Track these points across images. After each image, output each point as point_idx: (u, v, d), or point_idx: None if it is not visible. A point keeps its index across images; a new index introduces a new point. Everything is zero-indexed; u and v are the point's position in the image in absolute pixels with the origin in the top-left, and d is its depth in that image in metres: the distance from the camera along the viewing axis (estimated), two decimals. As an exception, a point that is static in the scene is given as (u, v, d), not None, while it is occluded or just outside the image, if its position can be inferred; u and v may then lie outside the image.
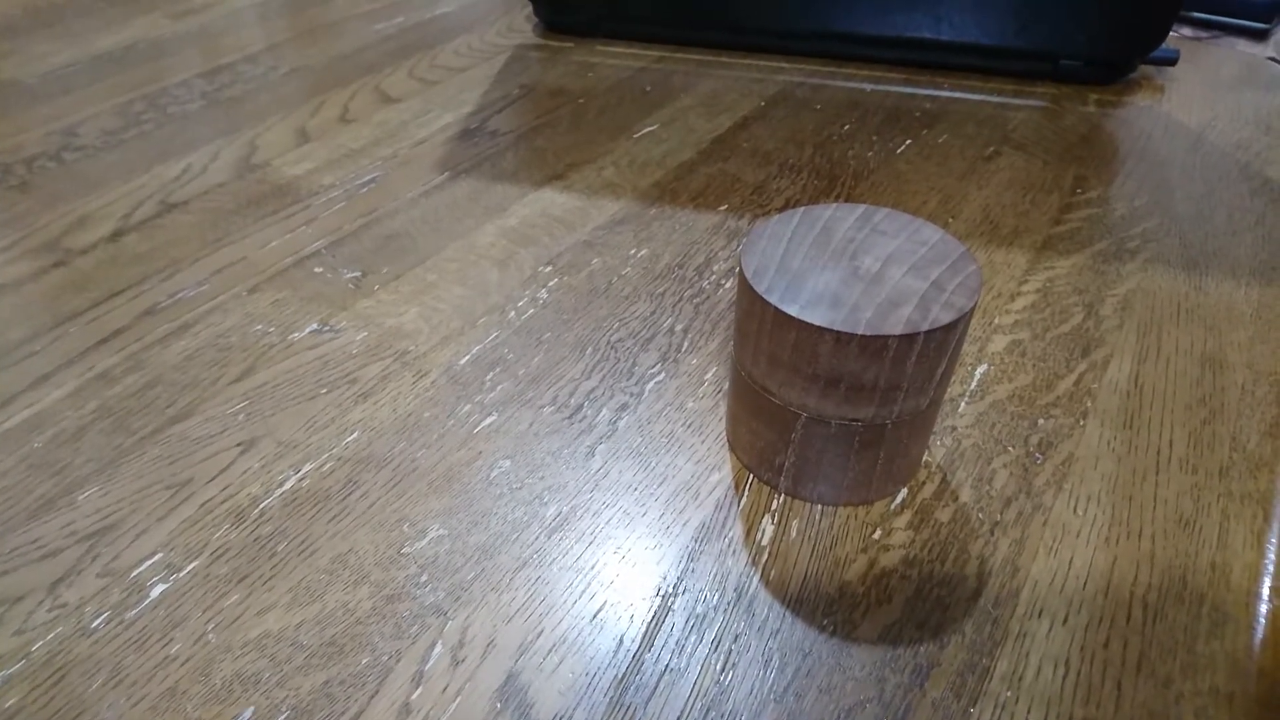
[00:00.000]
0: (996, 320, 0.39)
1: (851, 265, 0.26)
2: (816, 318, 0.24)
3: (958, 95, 0.58)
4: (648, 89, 0.60)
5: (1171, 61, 0.60)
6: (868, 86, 0.60)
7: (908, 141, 0.53)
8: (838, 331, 0.24)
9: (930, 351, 0.25)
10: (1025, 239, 0.44)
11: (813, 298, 0.25)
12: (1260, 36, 0.65)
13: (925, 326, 0.24)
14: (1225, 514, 0.30)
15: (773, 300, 0.25)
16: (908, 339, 0.24)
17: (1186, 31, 0.69)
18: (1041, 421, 0.34)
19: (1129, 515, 0.30)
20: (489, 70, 0.62)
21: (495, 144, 0.53)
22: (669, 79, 0.61)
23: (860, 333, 0.24)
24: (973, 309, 0.25)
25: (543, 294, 0.40)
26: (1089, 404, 0.34)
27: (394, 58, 0.64)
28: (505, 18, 0.71)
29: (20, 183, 0.50)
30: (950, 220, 0.45)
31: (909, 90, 0.59)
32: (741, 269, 0.26)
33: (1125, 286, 0.41)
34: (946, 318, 0.24)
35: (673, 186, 0.48)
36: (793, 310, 0.24)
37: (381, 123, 0.55)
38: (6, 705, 0.25)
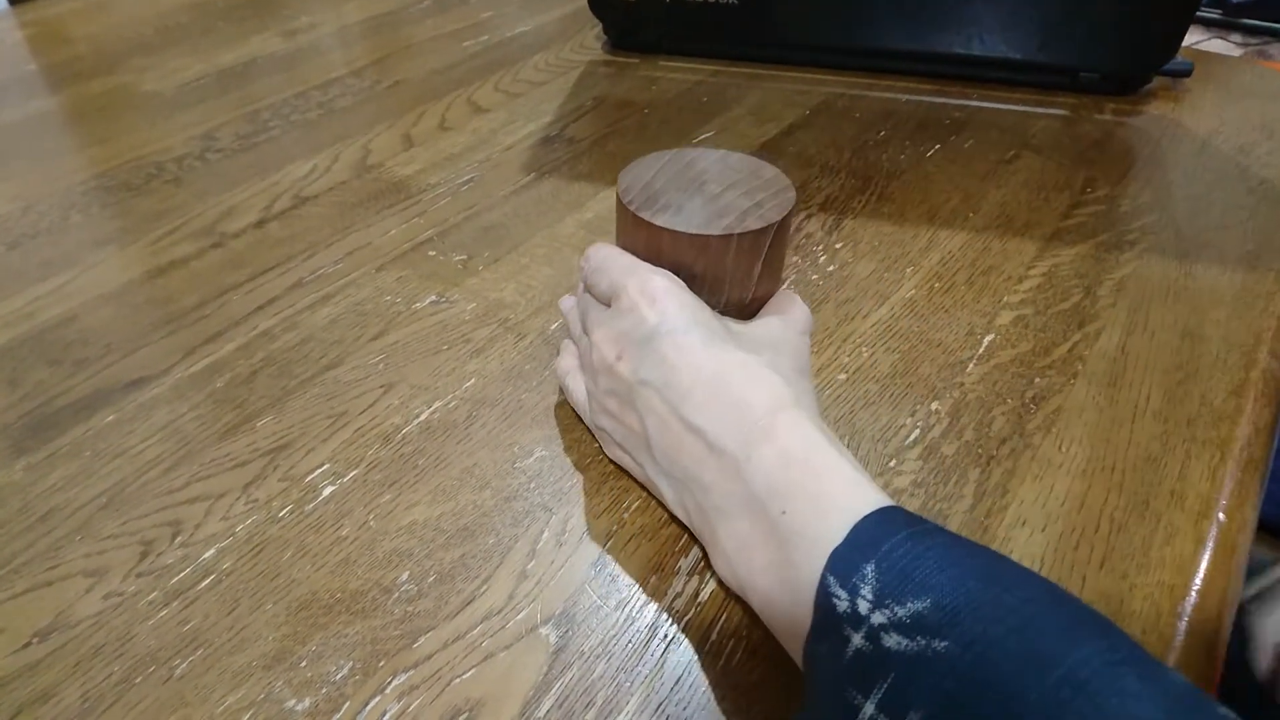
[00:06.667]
0: (1005, 299, 0.45)
1: (700, 189, 0.34)
2: (661, 221, 0.32)
3: (984, 105, 0.65)
4: (704, 100, 0.67)
5: (1186, 73, 0.66)
6: (902, 97, 0.66)
7: (936, 146, 0.59)
8: (673, 231, 0.32)
9: (745, 250, 0.32)
10: (1035, 231, 0.50)
11: (662, 207, 0.33)
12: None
13: (738, 230, 0.31)
14: (1188, 455, 0.37)
15: (632, 208, 0.33)
16: (723, 239, 0.31)
17: (1236, 38, 0.74)
18: (1037, 380, 0.40)
19: (1105, 453, 0.37)
20: (565, 84, 0.70)
21: (572, 149, 0.61)
22: (723, 91, 0.68)
23: (689, 232, 0.31)
24: (781, 221, 0.32)
25: (617, 274, 0.48)
26: (1080, 367, 0.41)
27: (481, 73, 0.72)
28: (577, 36, 0.80)
29: (173, 178, 0.59)
30: (970, 215, 0.52)
31: (940, 100, 0.66)
32: (617, 186, 0.34)
33: (1121, 272, 0.47)
34: (757, 225, 0.32)
35: (727, 185, 0.55)
36: (645, 215, 0.32)
37: (475, 130, 0.63)
38: (223, 567, 0.33)
